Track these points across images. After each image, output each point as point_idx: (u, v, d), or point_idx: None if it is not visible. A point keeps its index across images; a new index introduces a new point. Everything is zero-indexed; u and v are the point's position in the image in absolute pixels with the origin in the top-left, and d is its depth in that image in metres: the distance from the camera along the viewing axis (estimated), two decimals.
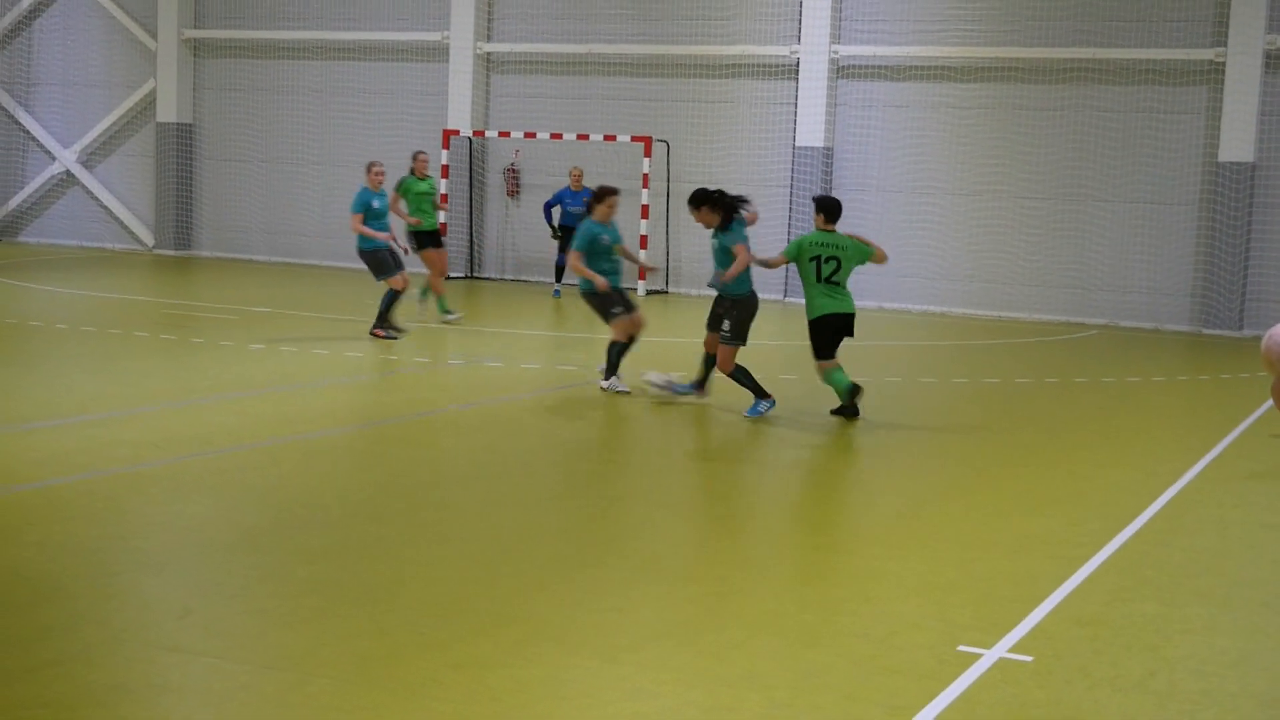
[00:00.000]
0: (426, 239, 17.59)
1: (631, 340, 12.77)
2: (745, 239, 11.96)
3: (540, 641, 6.15)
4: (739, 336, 12.03)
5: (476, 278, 24.90)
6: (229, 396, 12.10)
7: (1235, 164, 20.52)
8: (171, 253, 27.10)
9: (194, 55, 27.21)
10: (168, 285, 22.38)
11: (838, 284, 11.87)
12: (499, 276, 24.89)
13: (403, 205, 17.37)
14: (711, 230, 12.03)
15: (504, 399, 12.70)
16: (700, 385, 12.41)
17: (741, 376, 12.05)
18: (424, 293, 17.77)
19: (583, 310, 20.73)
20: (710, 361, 12.29)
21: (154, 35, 27.16)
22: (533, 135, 23.99)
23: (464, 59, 24.77)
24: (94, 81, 28.06)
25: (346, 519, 8.28)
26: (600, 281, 12.44)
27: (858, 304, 12.57)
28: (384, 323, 15.64)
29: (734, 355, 12.06)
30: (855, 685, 5.80)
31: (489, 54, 24.92)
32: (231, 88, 27.11)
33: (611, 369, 12.69)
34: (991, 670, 6.01)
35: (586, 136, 23.66)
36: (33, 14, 28.34)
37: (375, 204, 15.93)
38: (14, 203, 28.66)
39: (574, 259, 12.53)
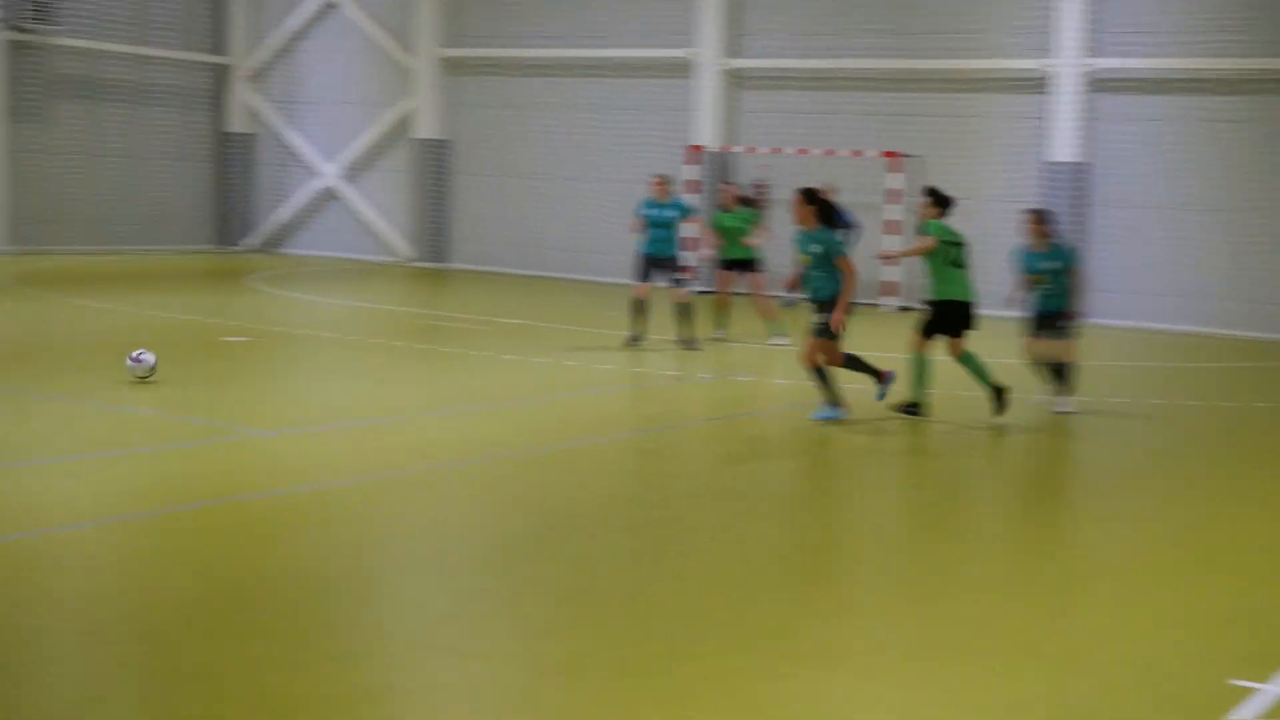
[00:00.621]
0: (733, 264, 17.72)
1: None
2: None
3: (798, 656, 6.15)
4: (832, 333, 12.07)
5: (730, 292, 24.95)
6: (484, 406, 12.41)
7: None
8: (427, 265, 27.93)
9: (450, 74, 28.02)
10: (423, 296, 23.06)
11: (965, 269, 12.22)
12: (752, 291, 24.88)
13: (714, 236, 17.73)
14: (802, 233, 12.01)
15: (753, 414, 12.73)
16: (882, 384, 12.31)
17: (825, 374, 12.12)
18: (720, 318, 17.87)
19: None
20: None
21: (412, 55, 28.07)
22: (779, 150, 24.02)
23: (710, 75, 24.95)
24: (355, 100, 29.13)
25: (603, 529, 8.42)
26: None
27: (1113, 324, 12.31)
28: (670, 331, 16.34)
29: (827, 348, 12.01)
30: (1123, 717, 5.64)
31: (735, 70, 25.04)
32: (484, 105, 27.82)
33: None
34: (1274, 708, 5.78)
35: (833, 151, 23.58)
36: (300, 36, 29.56)
37: (650, 213, 16.51)
38: (281, 216, 29.93)
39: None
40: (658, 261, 16.38)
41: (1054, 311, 12.50)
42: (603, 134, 26.43)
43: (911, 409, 12.14)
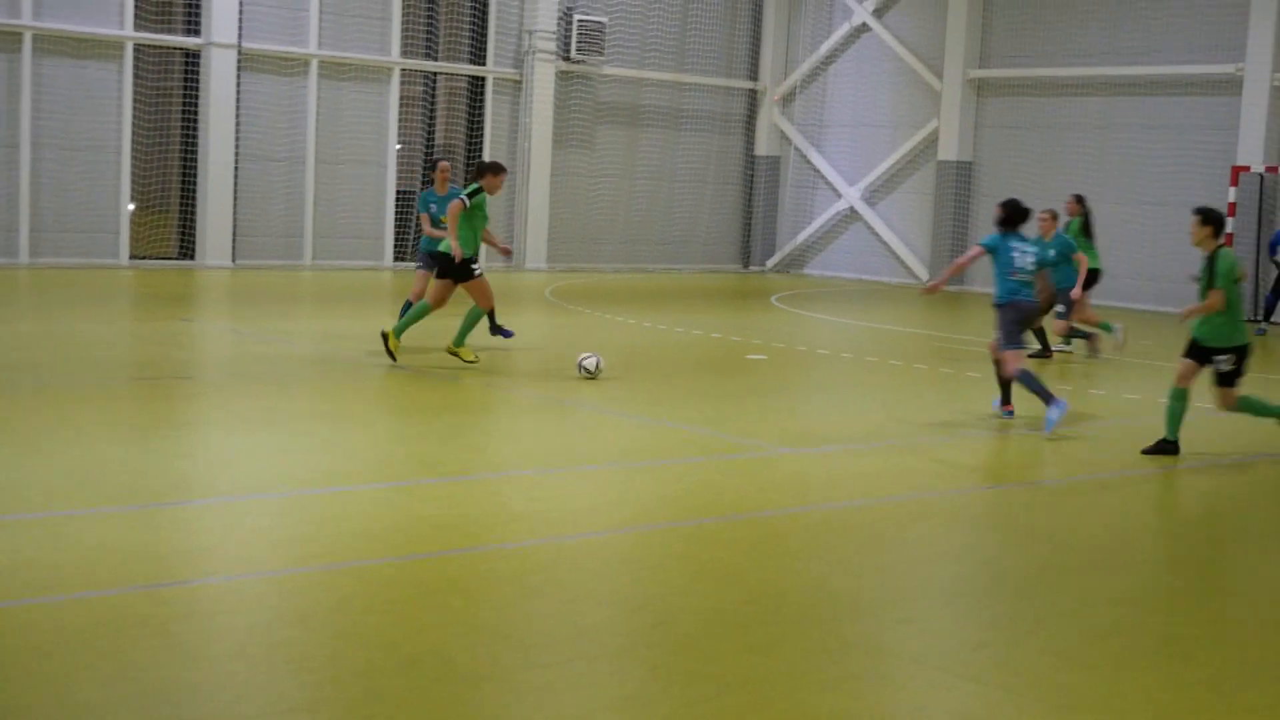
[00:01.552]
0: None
1: None
2: None
3: None
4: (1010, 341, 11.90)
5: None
6: (1004, 432, 12.12)
7: None
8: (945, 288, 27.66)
9: (976, 95, 27.70)
10: (941, 319, 22.83)
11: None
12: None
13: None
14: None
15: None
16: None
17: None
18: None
19: None
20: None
21: (940, 76, 27.94)
22: None
23: (1259, 90, 23.49)
24: (880, 122, 29.29)
25: (1139, 564, 8.05)
26: None
27: None
28: None
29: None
30: None
31: None
32: (1010, 125, 27.34)
33: None
34: None
35: None
36: (828, 60, 30.04)
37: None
38: (802, 237, 30.49)
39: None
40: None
41: None
42: (1137, 155, 25.41)
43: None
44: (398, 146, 26.41)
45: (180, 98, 24.22)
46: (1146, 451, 10.99)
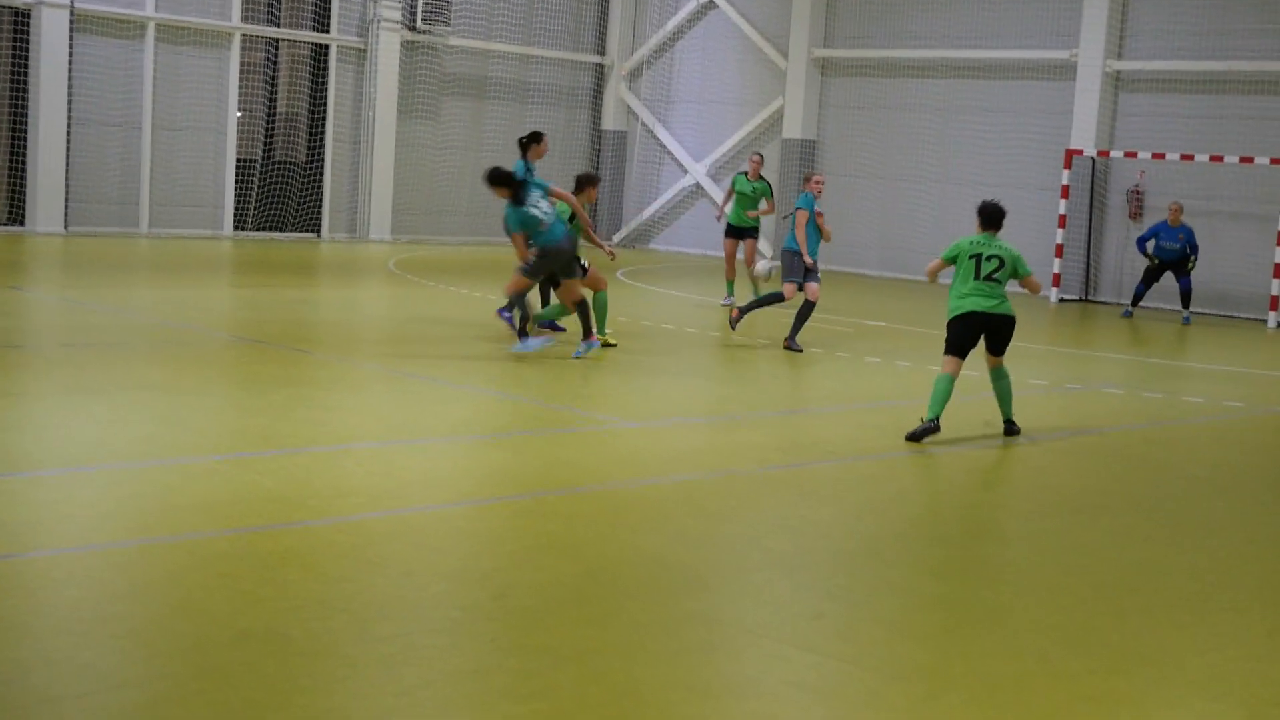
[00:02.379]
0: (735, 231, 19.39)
1: None
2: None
3: (1177, 685, 5.87)
4: (532, 273, 13.66)
5: (1092, 301, 24.19)
6: (845, 407, 12.34)
7: None
8: None
9: (821, 74, 28.02)
10: None
11: (998, 282, 11.17)
12: (1115, 300, 24.03)
13: None
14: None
15: (1123, 428, 12.24)
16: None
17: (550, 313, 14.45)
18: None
19: (1216, 339, 19.69)
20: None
21: (785, 55, 28.20)
22: (1161, 156, 23.02)
23: (1092, 77, 24.13)
24: (726, 99, 29.48)
25: (969, 537, 8.24)
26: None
27: None
28: None
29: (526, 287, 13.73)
30: None
31: (1119, 72, 24.14)
32: (854, 105, 27.71)
33: None
34: None
35: (1220, 158, 22.43)
36: (675, 36, 30.13)
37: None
38: (647, 213, 30.58)
39: None
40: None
41: None
42: (976, 137, 25.95)
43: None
44: (238, 114, 25.88)
45: (9, 58, 23.44)
46: (909, 436, 11.06)
